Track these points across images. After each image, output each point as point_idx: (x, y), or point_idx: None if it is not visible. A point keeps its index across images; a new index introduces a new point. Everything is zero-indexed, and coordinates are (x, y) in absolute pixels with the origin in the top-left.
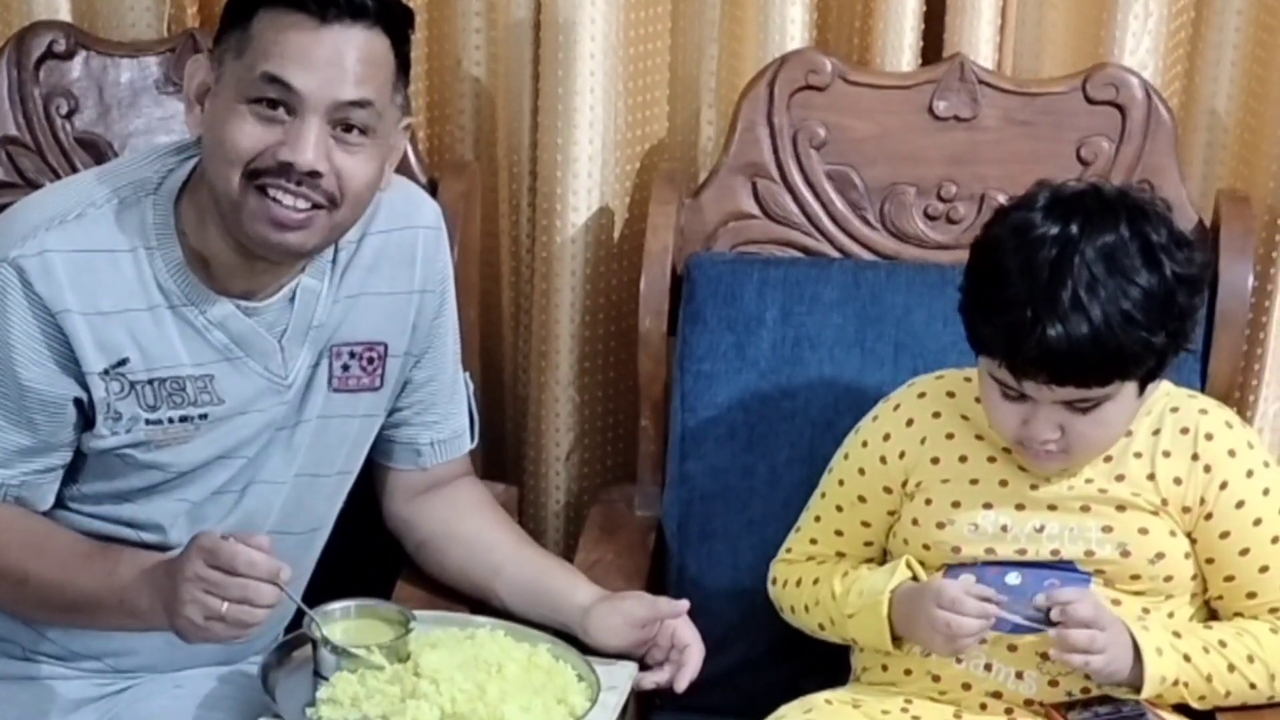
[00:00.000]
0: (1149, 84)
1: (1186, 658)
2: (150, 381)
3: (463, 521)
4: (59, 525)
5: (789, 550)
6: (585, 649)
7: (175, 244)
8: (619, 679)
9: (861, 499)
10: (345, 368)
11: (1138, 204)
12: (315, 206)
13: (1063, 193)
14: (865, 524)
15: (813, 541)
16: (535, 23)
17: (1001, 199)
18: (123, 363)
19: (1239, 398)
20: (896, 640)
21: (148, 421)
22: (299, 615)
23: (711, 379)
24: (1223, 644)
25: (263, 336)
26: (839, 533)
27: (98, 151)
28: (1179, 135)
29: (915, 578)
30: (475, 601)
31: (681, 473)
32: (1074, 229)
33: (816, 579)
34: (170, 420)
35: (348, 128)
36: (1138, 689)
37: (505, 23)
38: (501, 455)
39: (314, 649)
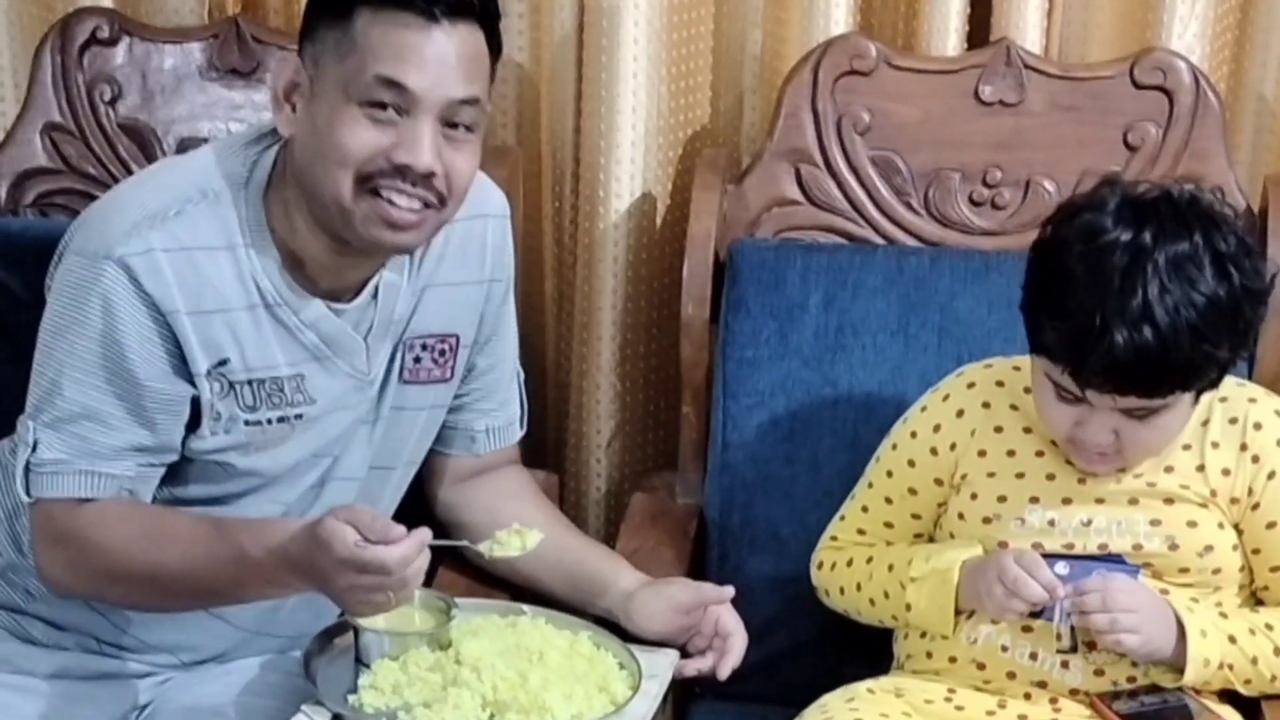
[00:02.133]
0: (1197, 68)
1: (1232, 639)
2: (249, 382)
3: (508, 507)
4: (176, 512)
5: (835, 538)
6: (627, 635)
7: (269, 242)
8: (660, 667)
9: (912, 491)
10: (417, 360)
11: (1209, 212)
12: (426, 206)
13: (1134, 196)
14: (915, 516)
15: (860, 531)
16: (579, 8)
17: (1047, 185)
18: (224, 363)
19: None
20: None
21: (246, 422)
22: None
23: (754, 366)
24: (1269, 627)
25: (351, 336)
26: (888, 524)
27: (141, 138)
28: (1226, 120)
29: None
30: (517, 588)
31: (723, 460)
32: (1147, 236)
33: (870, 558)
34: (269, 421)
35: (454, 124)
36: (1181, 670)
37: (549, 8)
38: (543, 442)
39: (355, 636)
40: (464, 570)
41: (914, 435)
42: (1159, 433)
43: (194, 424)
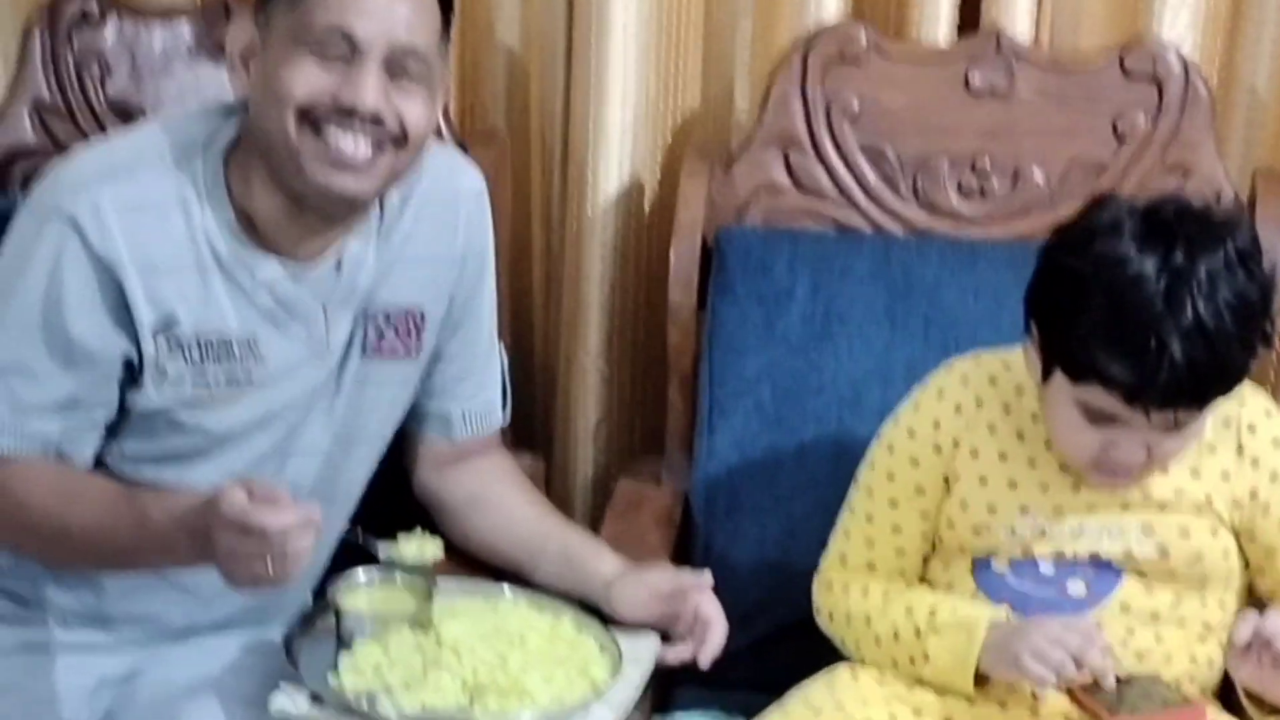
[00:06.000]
0: (1186, 58)
1: None
2: (198, 342)
3: (489, 492)
4: (92, 475)
5: (844, 556)
6: (609, 621)
7: (225, 203)
8: (642, 652)
9: (919, 490)
10: (380, 335)
11: (1226, 218)
12: (379, 149)
13: (1149, 215)
14: (924, 515)
15: (869, 542)
16: None
17: (1036, 173)
18: (172, 321)
19: (1274, 380)
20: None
21: (194, 383)
22: (325, 581)
23: (740, 352)
24: None
25: (308, 303)
26: (897, 528)
27: (130, 116)
28: (1217, 111)
29: None
30: (499, 572)
31: (709, 447)
32: (1179, 256)
33: (886, 592)
34: (217, 381)
35: (401, 73)
36: None
37: None
38: (530, 427)
39: (337, 618)
40: (446, 554)
41: (912, 434)
42: (1186, 442)
43: (136, 382)
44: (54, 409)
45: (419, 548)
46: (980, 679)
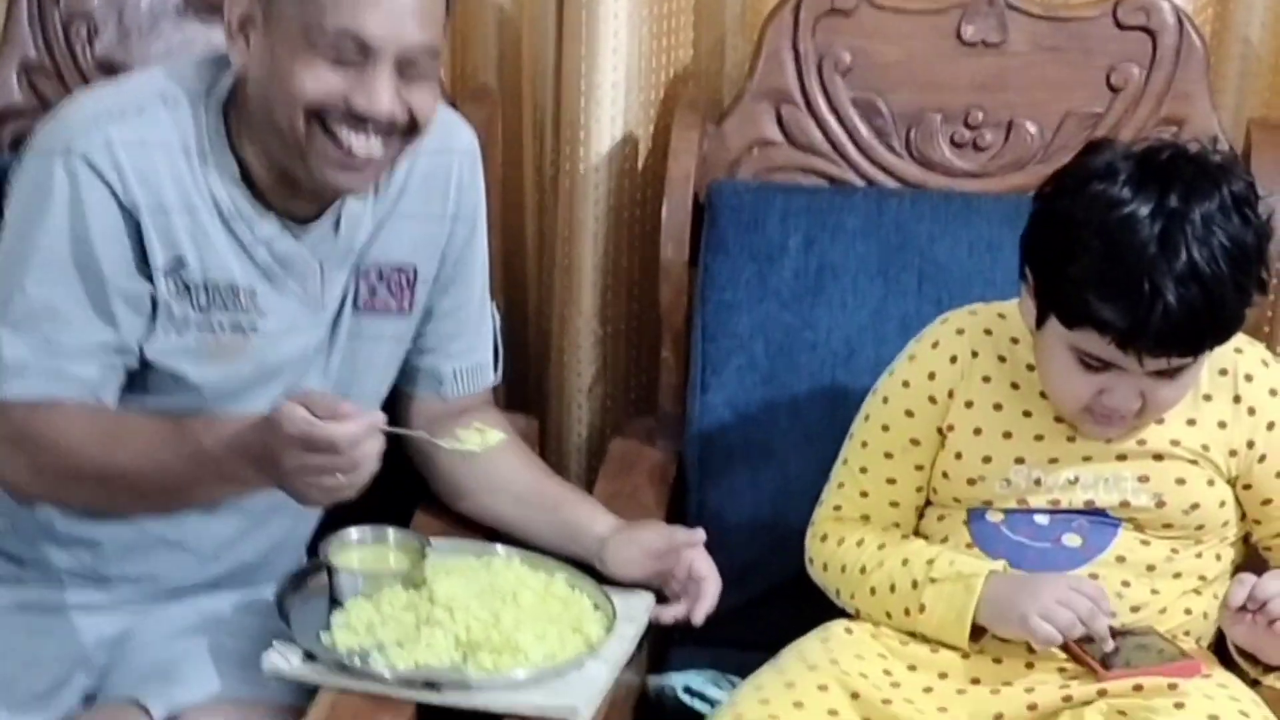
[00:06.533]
0: (1181, 9)
1: None
2: (205, 285)
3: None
4: (135, 414)
5: (838, 508)
6: (603, 580)
7: (229, 155)
8: (637, 610)
9: (914, 441)
10: (373, 290)
11: (1222, 163)
12: (388, 140)
13: (1144, 159)
14: (919, 467)
15: (863, 494)
16: None
17: (1030, 126)
18: (181, 263)
19: (1267, 332)
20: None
21: (199, 326)
22: (317, 540)
23: (733, 308)
24: None
25: (306, 259)
26: (891, 480)
27: (118, 76)
28: (1211, 63)
29: None
30: (493, 531)
31: (702, 404)
32: (1174, 199)
33: (882, 544)
34: (222, 327)
35: (411, 68)
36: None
37: None
38: (524, 387)
39: (330, 576)
40: (440, 513)
41: (907, 385)
42: (1181, 390)
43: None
44: (91, 352)
45: (482, 438)
46: (977, 632)
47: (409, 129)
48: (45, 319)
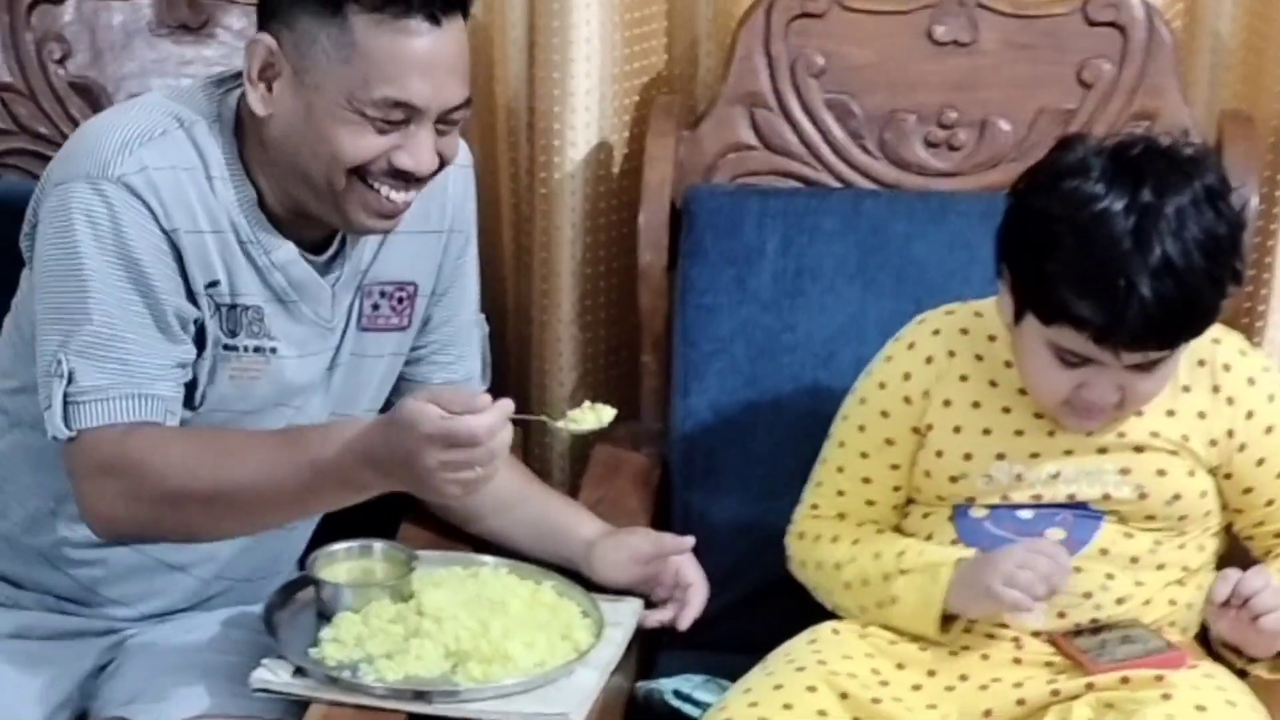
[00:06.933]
0: (1150, 4)
1: None
2: (233, 306)
3: None
4: (231, 430)
5: (815, 506)
6: (591, 586)
7: (246, 181)
8: (624, 616)
9: (889, 442)
10: (375, 307)
11: (1195, 156)
12: (419, 187)
13: (1117, 154)
14: (894, 467)
15: (840, 493)
16: None
17: (1003, 124)
18: (214, 284)
19: (1245, 323)
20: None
21: (226, 347)
22: (307, 554)
23: (712, 312)
24: None
25: (319, 284)
26: (866, 480)
27: (92, 96)
28: (1181, 56)
29: None
30: (479, 541)
31: (684, 408)
32: (1147, 193)
33: (857, 540)
34: (246, 349)
35: (448, 123)
36: None
37: None
38: (505, 394)
39: (317, 589)
40: (426, 524)
41: (883, 386)
42: (1160, 382)
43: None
44: (165, 370)
45: (596, 415)
46: (950, 622)
47: (437, 171)
48: (116, 344)
